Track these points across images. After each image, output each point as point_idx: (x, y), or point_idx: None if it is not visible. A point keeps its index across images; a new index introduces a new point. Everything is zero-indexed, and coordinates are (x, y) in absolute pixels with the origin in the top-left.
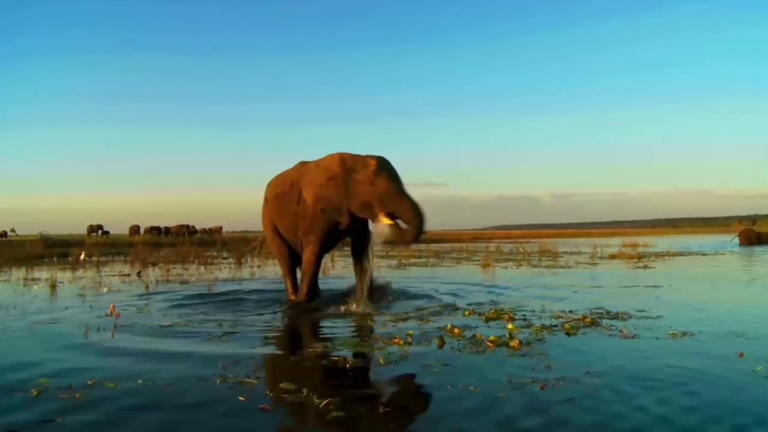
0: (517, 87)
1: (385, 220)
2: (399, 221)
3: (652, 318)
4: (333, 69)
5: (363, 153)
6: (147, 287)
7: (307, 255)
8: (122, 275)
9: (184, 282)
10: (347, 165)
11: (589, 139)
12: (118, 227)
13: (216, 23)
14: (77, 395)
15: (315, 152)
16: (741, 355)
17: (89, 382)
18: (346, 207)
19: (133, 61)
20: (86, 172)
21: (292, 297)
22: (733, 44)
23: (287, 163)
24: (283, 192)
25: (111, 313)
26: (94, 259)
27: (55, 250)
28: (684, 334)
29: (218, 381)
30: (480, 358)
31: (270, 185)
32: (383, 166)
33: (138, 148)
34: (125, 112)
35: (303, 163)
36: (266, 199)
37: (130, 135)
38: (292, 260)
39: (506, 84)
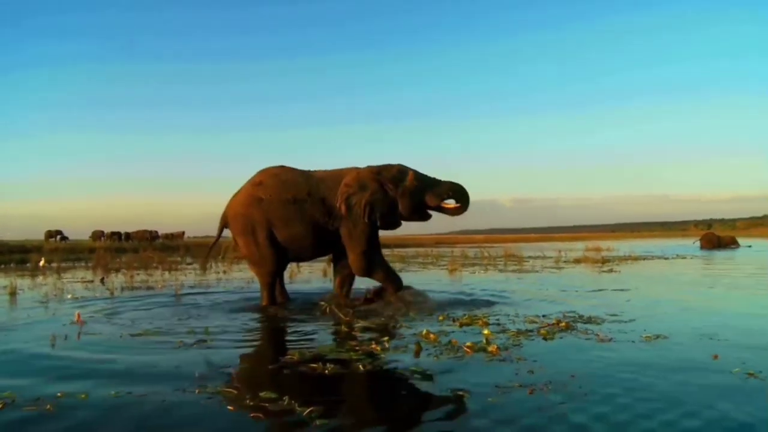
0: (478, 91)
1: (450, 204)
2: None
3: (625, 321)
4: (294, 73)
5: (318, 158)
6: (112, 294)
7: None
8: (85, 281)
9: (149, 288)
10: (382, 176)
11: (551, 143)
12: (76, 233)
13: (178, 28)
14: (48, 407)
15: (281, 157)
16: (715, 357)
17: (58, 394)
18: (398, 214)
19: (88, 69)
20: (40, 178)
21: (265, 304)
22: (691, 48)
23: (247, 169)
24: (297, 198)
25: (76, 321)
26: (54, 265)
27: (12, 256)
28: (658, 336)
29: (196, 391)
30: (460, 363)
31: (267, 186)
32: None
33: (95, 154)
34: (81, 118)
35: (307, 172)
36: (260, 199)
37: (86, 140)
38: (278, 268)
39: (466, 88)
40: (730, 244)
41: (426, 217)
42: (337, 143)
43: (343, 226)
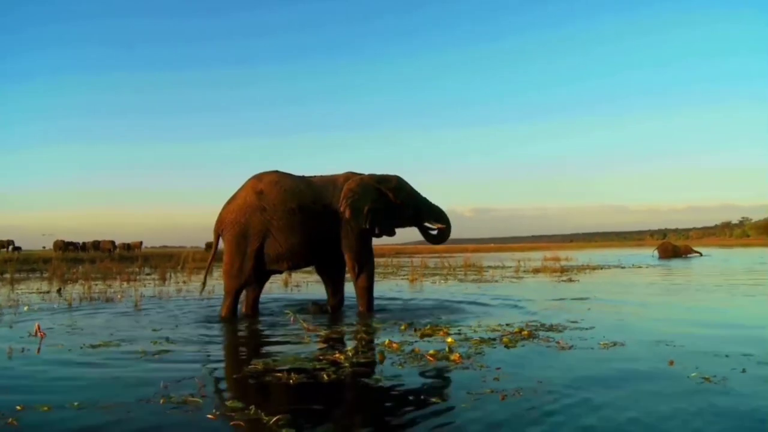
0: (436, 100)
1: (439, 226)
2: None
3: (585, 329)
4: (250, 83)
5: (274, 168)
6: (70, 305)
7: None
8: (41, 292)
9: (108, 299)
10: (383, 185)
11: (509, 153)
12: (29, 243)
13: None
14: (10, 420)
15: (240, 168)
16: (671, 363)
17: (18, 408)
18: (394, 223)
19: (44, 80)
20: None
21: (224, 315)
22: (647, 55)
23: (206, 179)
24: (301, 206)
25: (36, 332)
26: (7, 276)
27: None
28: (615, 344)
29: (161, 401)
30: (424, 371)
31: (269, 195)
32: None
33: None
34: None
35: (305, 178)
36: (263, 209)
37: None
38: (251, 282)
39: (425, 98)
40: (686, 253)
41: (393, 233)
42: (288, 152)
43: (343, 229)
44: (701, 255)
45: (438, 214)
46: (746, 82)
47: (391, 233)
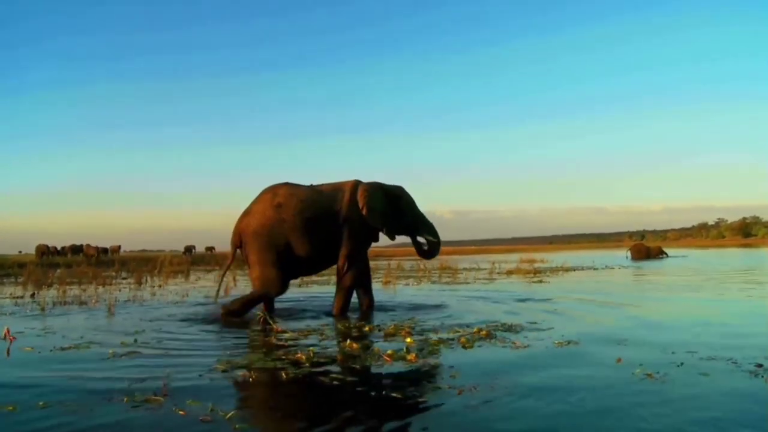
0: (415, 104)
1: (429, 239)
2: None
3: (543, 329)
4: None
5: (246, 176)
6: (43, 309)
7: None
8: (14, 297)
9: (82, 303)
10: (390, 193)
11: (490, 156)
12: (4, 247)
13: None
14: None
15: (223, 172)
16: (619, 360)
17: None
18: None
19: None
20: None
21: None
22: (622, 60)
23: (187, 183)
24: (317, 215)
25: (5, 336)
26: None
27: None
28: (569, 342)
29: (125, 399)
30: (381, 370)
31: (288, 206)
32: None
33: (23, 167)
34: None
35: (315, 187)
36: (283, 220)
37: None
38: (284, 290)
39: (403, 101)
40: (658, 254)
41: (394, 237)
42: (259, 160)
43: (346, 230)
44: (667, 256)
45: (431, 229)
46: (723, 85)
47: (393, 237)
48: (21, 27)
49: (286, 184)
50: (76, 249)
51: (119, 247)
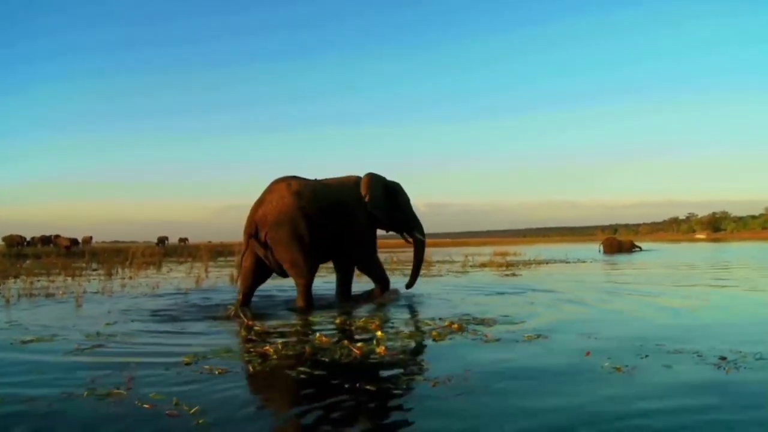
0: (389, 97)
1: (417, 238)
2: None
3: (515, 323)
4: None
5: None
6: (8, 301)
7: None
8: None
9: (49, 295)
10: (389, 188)
11: (466, 149)
12: None
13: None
14: None
15: (194, 165)
16: (588, 353)
17: None
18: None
19: None
20: None
21: (306, 308)
22: (592, 56)
23: (161, 174)
24: (331, 206)
25: None
26: None
27: None
28: (539, 336)
29: (85, 393)
30: (353, 364)
31: (305, 196)
32: None
33: None
34: None
35: (322, 181)
36: (303, 208)
37: None
38: (314, 274)
39: (377, 94)
40: (631, 248)
41: (389, 229)
42: (238, 152)
43: (354, 223)
44: (641, 250)
45: (421, 230)
46: (693, 81)
47: (386, 230)
48: None
49: (295, 176)
50: (46, 240)
51: (91, 238)
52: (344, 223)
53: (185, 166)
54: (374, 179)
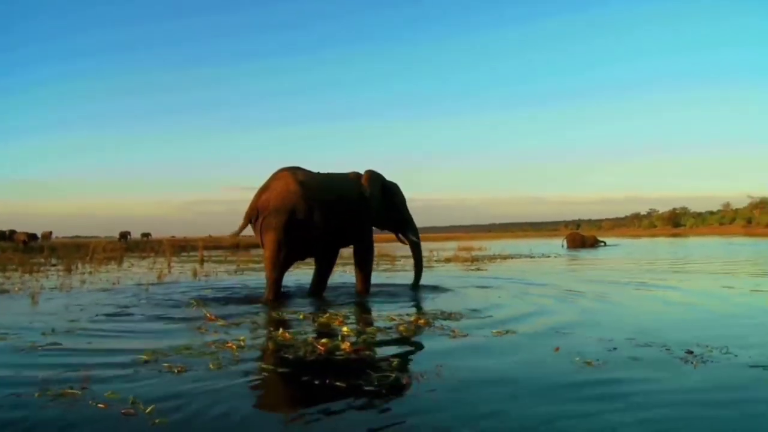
0: (360, 95)
1: (411, 239)
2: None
3: (481, 318)
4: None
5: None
6: None
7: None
8: None
9: (4, 291)
10: (386, 186)
11: (431, 145)
12: None
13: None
14: None
15: (162, 160)
16: (556, 349)
17: None
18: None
19: None
20: None
21: (271, 299)
22: (571, 57)
23: (122, 169)
24: (333, 198)
25: None
26: None
27: None
28: (507, 332)
29: (36, 394)
30: (317, 360)
31: (310, 186)
32: None
33: None
34: None
35: (326, 174)
36: (306, 196)
37: None
38: (288, 267)
39: (348, 91)
40: (593, 243)
41: (383, 227)
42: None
43: (356, 220)
44: (605, 245)
45: (415, 231)
46: (659, 82)
47: (381, 226)
48: None
49: (300, 167)
50: (2, 235)
51: (51, 233)
52: (348, 218)
53: (149, 162)
54: (373, 176)
